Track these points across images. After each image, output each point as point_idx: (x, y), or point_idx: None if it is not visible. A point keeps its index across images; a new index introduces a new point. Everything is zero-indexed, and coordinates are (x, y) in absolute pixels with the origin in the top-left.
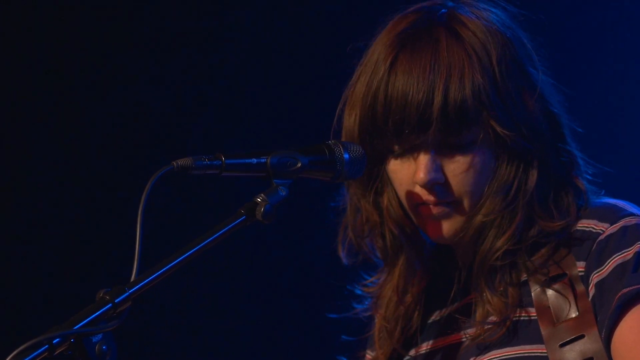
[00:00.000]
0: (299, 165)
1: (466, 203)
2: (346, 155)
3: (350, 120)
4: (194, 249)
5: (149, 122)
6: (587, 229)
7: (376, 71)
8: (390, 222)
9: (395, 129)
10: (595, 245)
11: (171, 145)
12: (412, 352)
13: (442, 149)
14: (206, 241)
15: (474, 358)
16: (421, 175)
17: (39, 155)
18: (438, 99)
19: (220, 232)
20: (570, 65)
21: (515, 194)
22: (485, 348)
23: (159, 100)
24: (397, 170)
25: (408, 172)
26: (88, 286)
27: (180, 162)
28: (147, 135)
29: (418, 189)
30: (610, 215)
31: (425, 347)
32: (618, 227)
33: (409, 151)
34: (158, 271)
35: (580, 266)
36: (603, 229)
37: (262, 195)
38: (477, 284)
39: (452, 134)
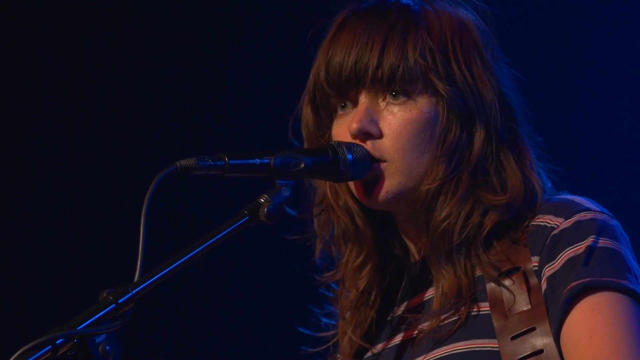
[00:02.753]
0: (302, 166)
1: (401, 164)
2: (349, 156)
3: (304, 101)
4: (197, 250)
5: (153, 122)
6: (543, 224)
7: (325, 41)
8: (337, 207)
9: (334, 83)
10: (549, 239)
11: (175, 146)
12: (372, 350)
13: (380, 104)
14: (209, 242)
15: (426, 354)
16: (353, 124)
17: (43, 155)
18: (375, 49)
19: (224, 233)
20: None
21: (459, 161)
22: (438, 342)
23: (163, 101)
24: (337, 132)
25: (344, 131)
26: (91, 286)
27: (184, 162)
28: (151, 135)
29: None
30: (566, 210)
31: (381, 345)
32: (572, 222)
33: (349, 111)
34: (161, 272)
35: (535, 260)
36: (558, 223)
37: (265, 195)
38: (433, 261)
39: (389, 86)
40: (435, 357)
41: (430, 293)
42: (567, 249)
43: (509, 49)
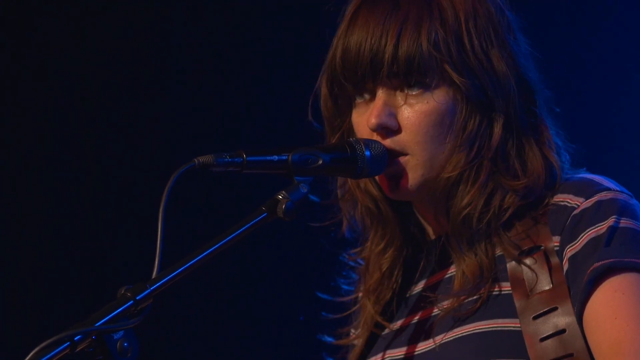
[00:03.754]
0: (320, 162)
1: (422, 156)
2: (367, 153)
3: (322, 83)
4: (216, 246)
5: (172, 118)
6: (563, 203)
7: (340, 30)
8: (358, 191)
9: (350, 76)
10: (569, 219)
11: (194, 143)
12: (392, 326)
13: (397, 97)
14: (228, 238)
15: (446, 332)
16: (372, 119)
17: (63, 152)
18: (390, 44)
19: (242, 229)
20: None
21: (479, 149)
22: (459, 321)
23: (183, 97)
24: (357, 121)
25: (364, 121)
26: (110, 283)
27: (202, 159)
28: (170, 132)
29: (375, 138)
30: (586, 189)
31: (400, 322)
32: (593, 202)
33: (368, 101)
34: (179, 268)
35: (556, 240)
36: (578, 203)
37: (283, 192)
38: (454, 245)
39: (405, 79)
40: (456, 336)
41: (450, 271)
42: (589, 229)
43: (527, 21)
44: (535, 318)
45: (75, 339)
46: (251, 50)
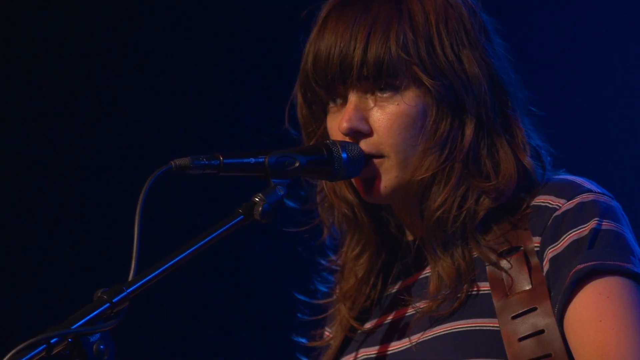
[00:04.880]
0: (297, 164)
1: (396, 157)
2: (344, 155)
3: (297, 90)
4: (192, 249)
5: (147, 121)
6: (544, 204)
7: (311, 36)
8: (334, 197)
9: (321, 81)
10: (551, 220)
11: (170, 145)
12: (366, 326)
13: (368, 100)
14: (204, 241)
15: (424, 332)
16: (343, 123)
17: (39, 156)
18: (359, 47)
19: (218, 232)
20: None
21: (451, 150)
22: (437, 320)
23: (159, 99)
24: (330, 126)
25: (337, 125)
26: (86, 286)
27: (179, 161)
28: (146, 134)
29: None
30: (568, 191)
31: (376, 321)
32: (574, 203)
33: (340, 106)
34: (156, 271)
35: (536, 241)
36: (559, 204)
37: (260, 195)
38: (429, 247)
39: (375, 83)
40: (433, 335)
41: (426, 272)
42: (571, 230)
43: (501, 21)
44: (514, 318)
45: (52, 341)
46: (228, 55)
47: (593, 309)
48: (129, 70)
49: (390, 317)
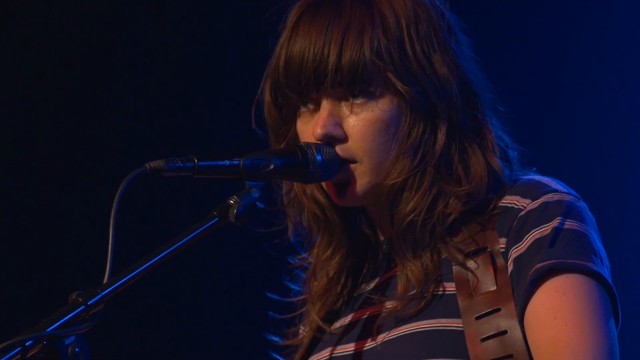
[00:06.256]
0: (272, 167)
1: (369, 163)
2: (319, 157)
3: (265, 92)
4: (167, 251)
5: (123, 123)
6: (510, 205)
7: (282, 38)
8: (305, 198)
9: (294, 86)
10: (516, 221)
11: (145, 147)
12: (335, 326)
13: (342, 106)
14: (179, 243)
15: (389, 331)
16: (317, 129)
17: (15, 156)
18: (333, 54)
19: (193, 234)
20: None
21: (423, 155)
22: (402, 320)
23: (135, 102)
24: (302, 129)
25: (310, 130)
26: (61, 289)
27: (153, 164)
28: (121, 136)
29: None
30: (533, 191)
31: (345, 320)
32: (539, 203)
33: (312, 110)
34: (131, 273)
35: (502, 242)
36: (525, 204)
37: (234, 197)
38: (398, 250)
39: (350, 89)
40: (398, 335)
41: (394, 272)
42: (534, 230)
43: (469, 22)
44: (477, 318)
45: (27, 344)
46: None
47: (549, 306)
48: (106, 72)
49: (358, 317)
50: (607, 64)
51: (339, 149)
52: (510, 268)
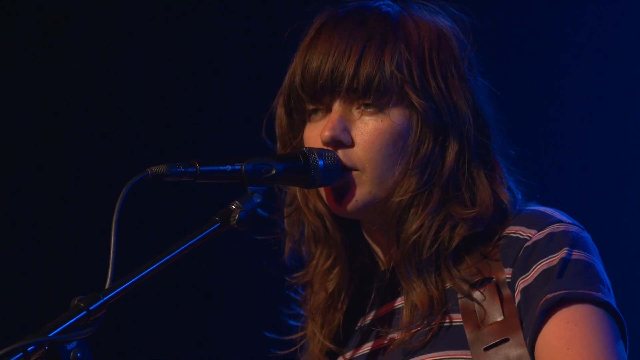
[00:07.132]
0: (274, 172)
1: (372, 173)
2: (321, 162)
3: (279, 96)
4: (169, 256)
5: (126, 128)
6: (515, 235)
7: (302, 45)
8: (306, 209)
9: (309, 87)
10: (521, 251)
11: (148, 152)
12: (341, 357)
13: (354, 113)
14: (181, 248)
15: None
16: (325, 132)
17: (17, 160)
18: (353, 60)
19: (195, 240)
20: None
21: (431, 174)
22: (410, 353)
23: (139, 106)
24: (309, 135)
25: (317, 132)
26: (63, 294)
27: (155, 169)
28: (124, 141)
29: None
30: (538, 221)
31: (352, 352)
32: (545, 234)
33: (322, 116)
34: (133, 278)
35: (507, 272)
36: (530, 235)
37: (236, 202)
38: (403, 273)
39: (363, 97)
40: None
41: (399, 303)
42: (541, 261)
43: (485, 59)
44: (486, 349)
45: (29, 349)
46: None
47: (561, 337)
48: (109, 76)
49: (365, 349)
50: (607, 65)
51: (343, 155)
52: (517, 298)
